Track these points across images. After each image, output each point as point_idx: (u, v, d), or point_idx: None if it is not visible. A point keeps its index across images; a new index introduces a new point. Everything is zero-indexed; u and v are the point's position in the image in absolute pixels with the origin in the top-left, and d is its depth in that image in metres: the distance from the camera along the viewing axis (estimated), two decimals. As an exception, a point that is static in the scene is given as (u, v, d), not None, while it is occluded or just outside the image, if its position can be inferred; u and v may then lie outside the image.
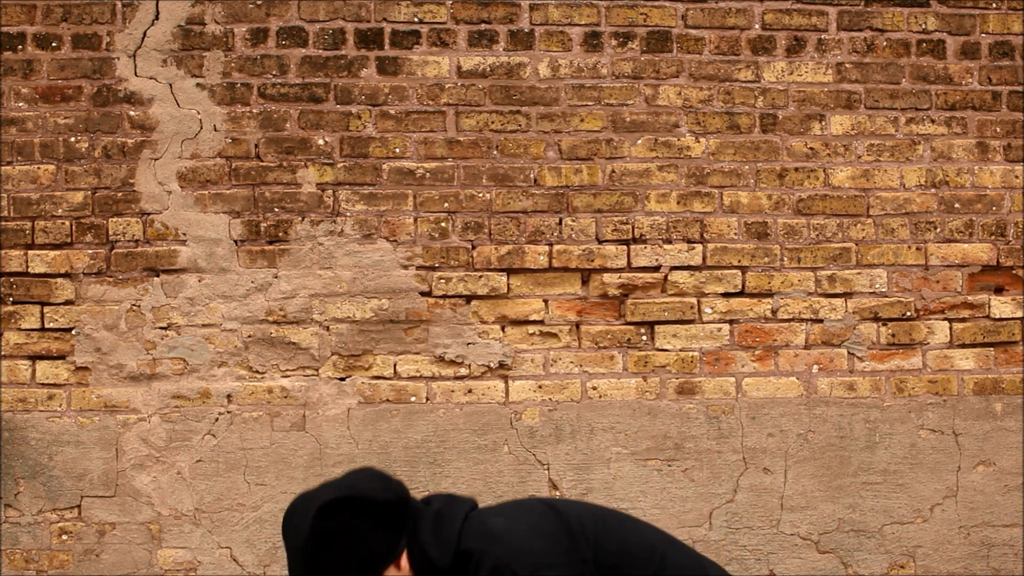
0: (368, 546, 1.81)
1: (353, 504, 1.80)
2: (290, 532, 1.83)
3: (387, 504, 1.83)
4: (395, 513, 1.85)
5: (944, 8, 4.07)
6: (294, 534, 1.81)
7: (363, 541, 1.80)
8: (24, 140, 3.83)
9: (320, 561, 1.78)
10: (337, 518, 1.79)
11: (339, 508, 1.79)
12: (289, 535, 1.83)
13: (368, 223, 3.89)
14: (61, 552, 3.80)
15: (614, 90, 3.95)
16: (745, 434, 3.97)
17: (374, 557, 1.82)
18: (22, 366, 3.82)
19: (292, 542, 1.81)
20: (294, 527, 1.82)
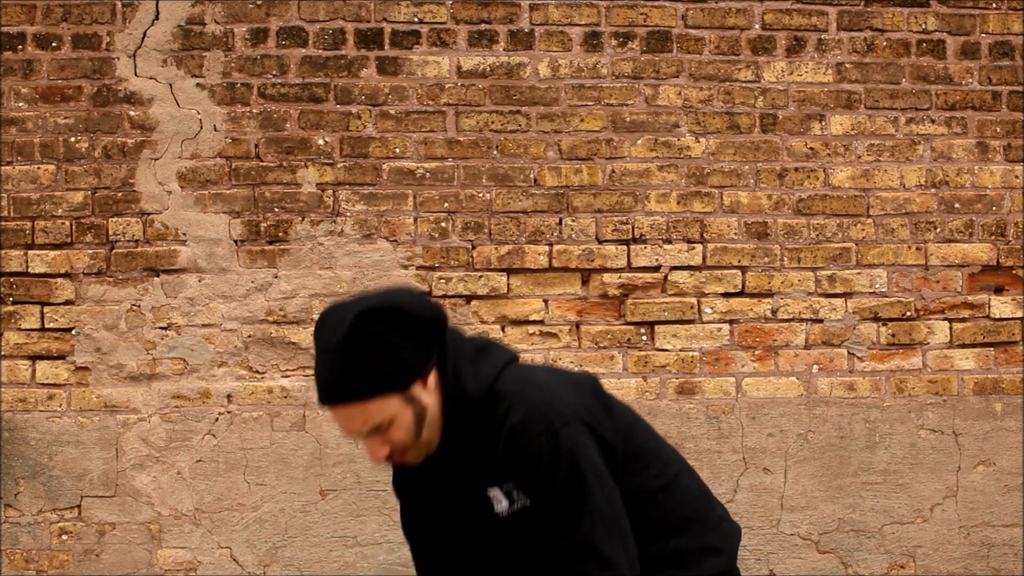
0: (402, 356, 1.80)
1: (392, 314, 1.80)
2: (324, 335, 1.81)
3: (425, 320, 1.83)
4: (431, 331, 1.84)
5: (944, 8, 4.07)
6: (328, 336, 1.79)
7: (398, 350, 1.80)
8: (24, 140, 3.83)
9: (352, 363, 1.77)
10: (375, 325, 1.78)
11: (379, 316, 1.79)
12: (322, 338, 1.81)
13: (368, 223, 3.89)
14: (61, 552, 3.80)
15: (614, 90, 3.95)
16: (745, 434, 3.97)
17: (406, 368, 1.81)
18: (22, 366, 3.82)
19: (325, 343, 1.79)
20: (329, 330, 1.80)
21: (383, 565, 3.86)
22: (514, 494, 1.86)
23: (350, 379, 1.78)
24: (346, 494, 3.86)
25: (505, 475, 1.85)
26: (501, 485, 1.86)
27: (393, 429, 1.82)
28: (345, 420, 1.81)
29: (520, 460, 1.82)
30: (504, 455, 1.83)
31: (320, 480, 3.86)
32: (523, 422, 1.82)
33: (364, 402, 1.78)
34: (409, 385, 1.81)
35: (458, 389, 1.87)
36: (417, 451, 1.87)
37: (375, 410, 1.79)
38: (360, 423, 1.80)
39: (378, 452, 1.83)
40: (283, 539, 3.85)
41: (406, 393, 1.81)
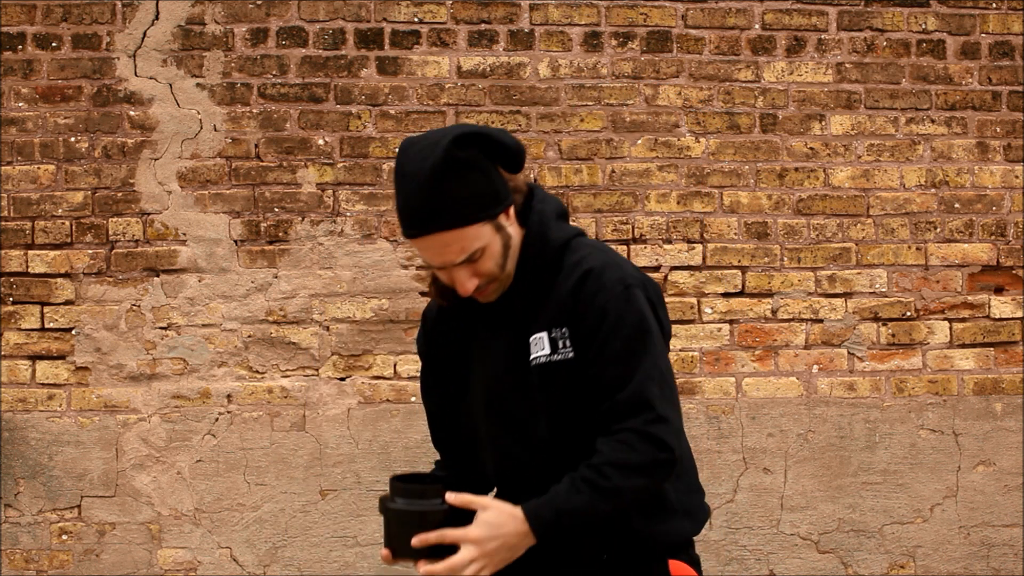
0: (493, 183, 1.81)
1: (484, 139, 1.79)
2: (412, 163, 1.78)
3: (511, 149, 1.83)
4: (514, 160, 1.85)
5: (944, 8, 4.06)
6: (417, 164, 1.76)
7: (489, 177, 1.80)
8: (24, 140, 3.83)
9: (448, 190, 1.75)
10: (469, 150, 1.77)
11: (472, 141, 1.78)
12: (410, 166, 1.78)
13: (368, 223, 3.89)
14: (61, 552, 3.80)
15: (614, 90, 3.95)
16: (745, 434, 3.96)
17: (496, 195, 1.81)
18: (22, 366, 3.82)
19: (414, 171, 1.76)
20: (417, 159, 1.77)
21: (383, 565, 3.86)
22: (560, 343, 1.84)
23: (447, 206, 1.75)
24: (346, 494, 3.86)
25: (562, 319, 1.83)
26: (551, 330, 1.84)
27: (484, 259, 1.81)
28: (438, 250, 1.79)
29: (590, 301, 1.81)
30: (572, 297, 1.82)
31: (320, 480, 3.86)
32: (600, 269, 1.83)
33: (461, 229, 1.77)
34: (499, 213, 1.82)
35: (543, 232, 1.87)
36: (498, 285, 1.86)
37: (471, 237, 1.78)
38: (456, 252, 1.78)
39: (468, 284, 1.82)
40: (283, 539, 3.85)
41: (496, 221, 1.82)
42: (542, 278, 1.87)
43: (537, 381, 1.85)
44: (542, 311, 1.86)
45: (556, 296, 1.85)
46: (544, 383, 1.85)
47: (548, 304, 1.86)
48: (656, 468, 1.78)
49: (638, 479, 1.77)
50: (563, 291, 1.84)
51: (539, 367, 1.85)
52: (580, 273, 1.83)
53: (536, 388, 1.85)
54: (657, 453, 1.77)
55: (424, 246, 1.80)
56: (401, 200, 1.79)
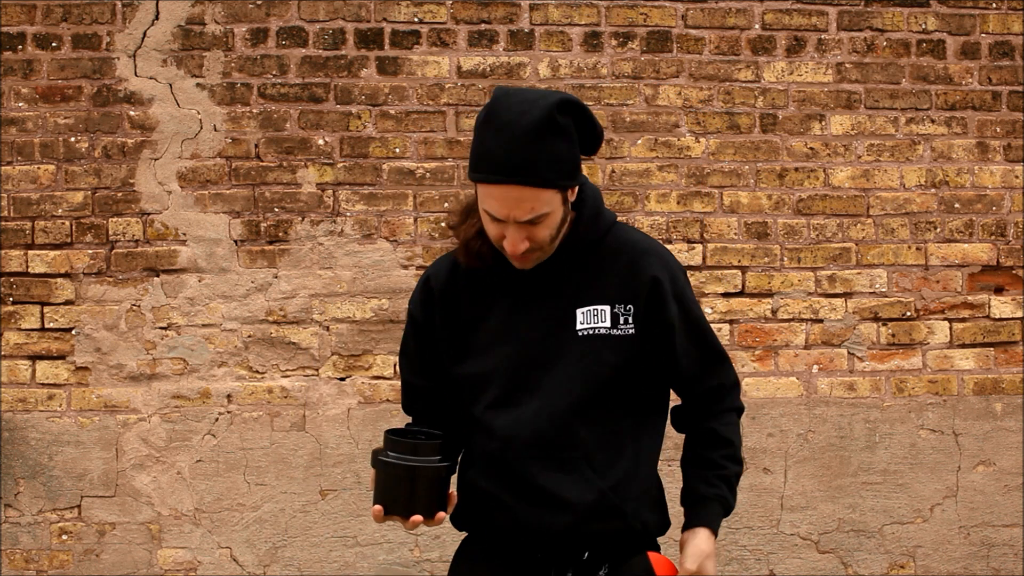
0: (576, 156, 1.85)
1: (583, 112, 1.84)
2: (510, 112, 1.79)
3: (597, 129, 1.88)
4: (595, 146, 1.90)
5: (944, 8, 4.06)
6: (517, 115, 1.78)
7: (575, 149, 1.84)
8: (24, 140, 3.83)
9: (541, 147, 1.77)
10: (568, 117, 1.81)
11: (573, 110, 1.82)
12: (506, 114, 1.79)
13: (368, 223, 3.89)
14: (61, 552, 3.80)
15: (614, 90, 3.95)
16: (745, 434, 3.96)
17: (576, 168, 1.85)
18: (22, 366, 3.82)
19: (512, 121, 1.77)
20: (516, 108, 1.79)
21: (383, 565, 3.86)
22: (622, 319, 1.90)
23: (537, 163, 1.77)
24: (346, 494, 3.86)
25: (626, 296, 1.90)
26: (614, 305, 1.90)
27: (544, 225, 1.84)
28: (511, 202, 1.80)
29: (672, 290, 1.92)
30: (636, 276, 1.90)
31: (320, 480, 3.86)
32: (668, 262, 1.95)
33: (540, 189, 1.80)
34: (572, 186, 1.86)
35: (597, 210, 1.94)
36: (542, 254, 1.89)
37: (544, 200, 1.81)
38: (526, 210, 1.80)
39: (520, 245, 1.84)
40: (283, 539, 3.85)
41: (565, 193, 1.85)
42: (593, 253, 1.93)
43: (586, 351, 1.88)
44: (597, 286, 1.91)
45: (617, 275, 1.91)
46: (592, 354, 1.88)
47: (605, 280, 1.91)
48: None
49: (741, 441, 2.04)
50: (628, 272, 1.91)
51: (592, 338, 1.88)
52: (649, 260, 1.92)
53: (581, 358, 1.88)
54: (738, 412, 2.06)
55: (497, 195, 1.80)
56: (489, 145, 1.79)
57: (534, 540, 1.88)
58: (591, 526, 1.87)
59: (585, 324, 1.88)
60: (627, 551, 1.91)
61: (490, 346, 1.94)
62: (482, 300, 1.96)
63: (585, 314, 1.89)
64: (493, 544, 1.94)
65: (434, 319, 2.00)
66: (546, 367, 1.89)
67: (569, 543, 1.89)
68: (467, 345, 1.96)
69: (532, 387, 1.89)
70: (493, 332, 1.94)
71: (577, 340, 1.88)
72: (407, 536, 3.86)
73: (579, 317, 1.89)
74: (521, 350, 1.90)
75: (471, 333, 1.96)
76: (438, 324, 2.00)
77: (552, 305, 1.91)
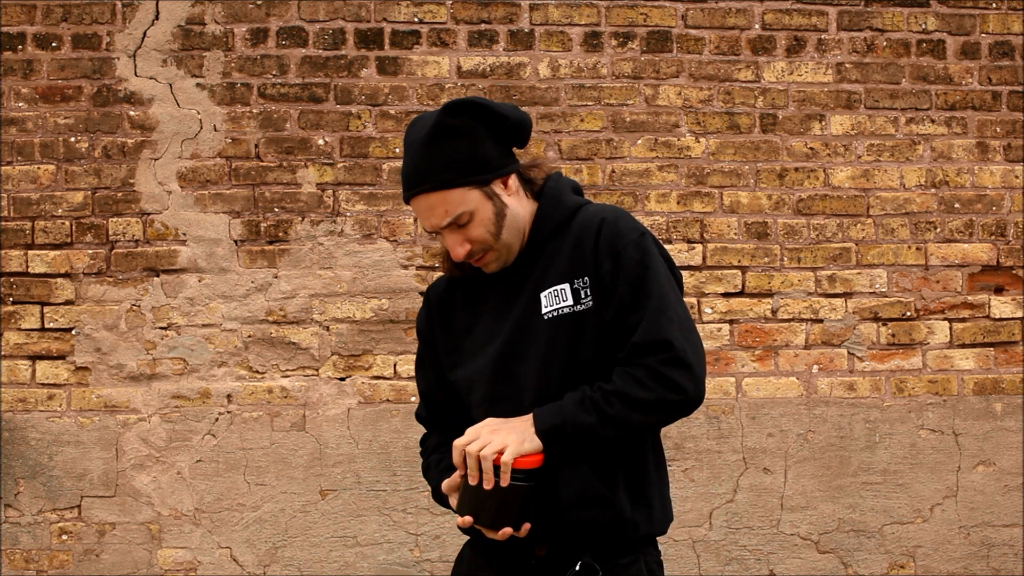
0: (484, 150, 1.88)
1: (477, 108, 1.87)
2: (412, 132, 1.89)
3: (508, 119, 1.90)
4: (514, 131, 1.92)
5: (944, 8, 4.06)
6: (416, 132, 1.88)
7: (480, 143, 1.87)
8: (24, 140, 3.83)
9: (436, 153, 1.84)
10: (459, 117, 1.86)
11: (463, 109, 1.86)
12: (410, 136, 1.90)
13: (368, 223, 3.89)
14: (61, 552, 3.80)
15: (614, 90, 3.95)
16: (745, 434, 3.96)
17: (487, 162, 1.88)
18: (22, 366, 3.82)
19: (412, 139, 1.88)
20: (418, 127, 1.89)
21: (383, 565, 3.86)
22: (582, 292, 1.87)
23: (433, 168, 1.84)
24: (346, 494, 3.86)
25: (582, 269, 1.87)
26: (572, 281, 1.88)
27: (473, 225, 1.87)
28: (427, 212, 1.87)
29: (608, 247, 1.86)
30: (589, 245, 1.87)
31: (320, 480, 3.86)
32: (615, 218, 1.89)
33: (445, 191, 1.85)
34: (490, 180, 1.88)
35: (557, 197, 1.95)
36: (497, 254, 1.92)
37: (456, 200, 1.85)
38: (441, 214, 1.86)
39: (459, 249, 1.89)
40: (283, 539, 3.85)
41: (487, 188, 1.88)
42: (555, 238, 1.93)
43: (554, 334, 1.87)
44: (555, 266, 1.90)
45: (571, 249, 1.90)
46: (561, 335, 1.87)
47: (562, 258, 1.90)
48: (664, 408, 1.81)
49: (642, 415, 1.80)
50: (579, 243, 1.89)
51: (557, 319, 1.87)
52: (596, 222, 1.88)
53: (550, 342, 1.87)
54: (665, 393, 1.79)
55: (416, 209, 1.89)
56: (403, 168, 1.90)
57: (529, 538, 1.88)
58: (577, 515, 1.86)
59: (549, 307, 1.88)
60: (619, 547, 1.89)
61: (477, 349, 1.96)
62: (472, 308, 2.00)
63: (548, 296, 1.89)
64: (491, 548, 1.94)
65: (434, 331, 2.06)
66: (521, 358, 1.90)
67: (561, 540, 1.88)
68: (461, 351, 2.00)
69: (512, 380, 1.90)
70: (480, 336, 1.97)
71: (544, 325, 1.88)
72: (407, 536, 3.86)
73: (543, 301, 1.89)
74: (500, 346, 1.92)
75: (464, 340, 2.00)
76: (438, 336, 2.05)
77: (521, 298, 1.93)
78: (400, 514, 3.87)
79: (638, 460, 1.92)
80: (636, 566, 1.90)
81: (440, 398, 2.08)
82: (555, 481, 1.85)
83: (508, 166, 1.91)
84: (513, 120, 1.90)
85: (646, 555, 1.92)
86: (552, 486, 1.85)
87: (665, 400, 1.79)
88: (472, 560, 2.01)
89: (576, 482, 1.86)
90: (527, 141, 1.95)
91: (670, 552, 3.92)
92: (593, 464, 1.87)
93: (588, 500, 1.86)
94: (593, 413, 1.79)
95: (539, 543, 1.89)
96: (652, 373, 1.79)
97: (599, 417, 1.79)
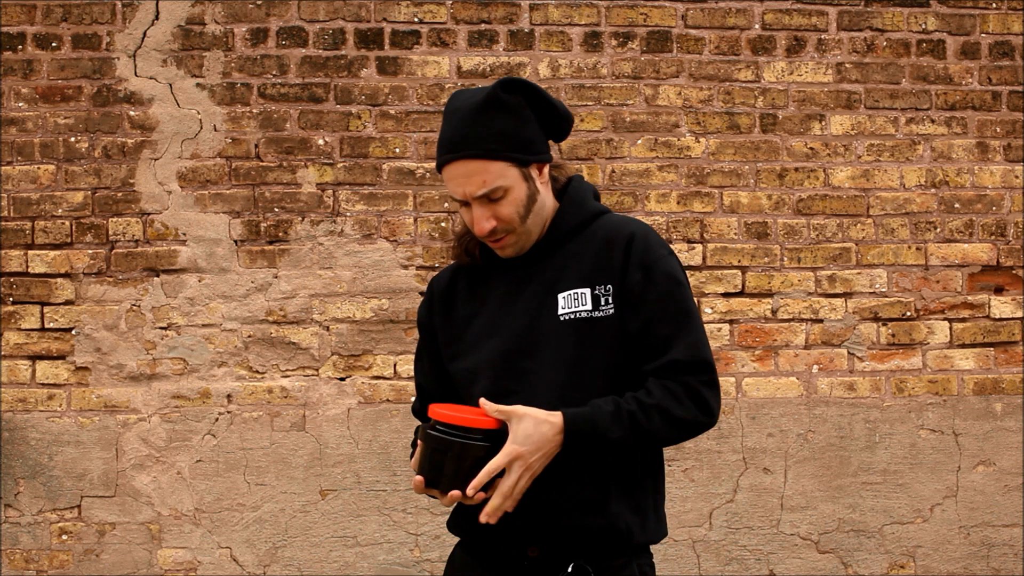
0: (530, 130, 1.88)
1: (532, 90, 1.88)
2: (461, 99, 1.89)
3: (556, 109, 1.91)
4: (558, 123, 1.93)
5: (944, 8, 4.07)
6: (466, 99, 1.87)
7: (525, 124, 1.88)
8: (24, 140, 3.83)
9: (486, 122, 1.84)
10: (514, 95, 1.86)
11: (519, 87, 1.87)
12: (458, 101, 1.88)
13: (368, 223, 3.89)
14: (61, 552, 3.80)
15: (614, 90, 3.95)
16: (745, 434, 3.96)
17: (528, 142, 1.88)
18: (22, 366, 3.82)
19: (460, 105, 1.87)
20: (467, 95, 1.88)
21: (383, 565, 3.86)
22: (603, 299, 1.87)
23: (480, 136, 1.84)
24: (346, 494, 3.86)
25: (605, 277, 1.87)
26: (594, 287, 1.88)
27: (505, 202, 1.86)
28: (463, 178, 1.85)
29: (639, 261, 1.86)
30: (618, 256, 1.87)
31: (320, 480, 3.86)
32: (645, 233, 1.90)
33: (488, 161, 1.84)
34: (529, 162, 1.88)
35: (579, 199, 1.95)
36: (517, 239, 1.91)
37: (496, 172, 1.85)
38: (478, 183, 1.84)
39: (485, 223, 1.87)
40: (283, 539, 3.85)
41: (524, 169, 1.88)
42: (574, 240, 1.93)
43: (569, 335, 1.87)
44: (576, 269, 1.90)
45: (595, 255, 1.90)
46: (576, 338, 1.87)
47: (584, 263, 1.90)
48: (694, 427, 1.84)
49: (674, 432, 1.83)
50: (605, 251, 1.89)
51: (574, 322, 1.87)
52: (627, 234, 1.89)
53: (565, 343, 1.87)
54: (699, 414, 1.83)
55: (450, 174, 1.87)
56: (442, 132, 1.88)
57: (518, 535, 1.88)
58: (570, 521, 1.86)
59: (566, 309, 1.88)
60: (612, 555, 1.88)
61: (480, 340, 1.95)
62: (475, 298, 1.99)
63: (566, 299, 1.88)
64: (484, 548, 1.94)
65: (434, 322, 2.04)
66: (531, 356, 1.89)
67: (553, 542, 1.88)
68: (461, 342, 1.99)
69: (519, 377, 1.89)
70: (483, 327, 1.96)
71: (559, 326, 1.87)
72: (407, 536, 3.86)
73: (560, 302, 1.88)
74: (507, 341, 1.91)
75: (465, 330, 1.98)
76: (438, 326, 2.03)
77: (534, 293, 1.92)
78: (400, 514, 3.87)
79: (634, 470, 1.91)
80: (628, 569, 1.89)
81: (436, 391, 2.07)
82: (549, 486, 1.84)
83: (547, 153, 1.92)
84: (560, 111, 1.91)
85: (639, 559, 1.92)
86: (546, 490, 1.85)
87: (697, 421, 1.84)
88: (464, 561, 2.00)
89: (571, 488, 1.85)
90: (566, 137, 1.97)
91: (670, 552, 3.92)
92: (589, 470, 1.86)
93: (582, 506, 1.85)
94: (627, 427, 1.79)
95: (531, 544, 1.88)
96: (690, 392, 1.82)
97: (633, 431, 1.80)
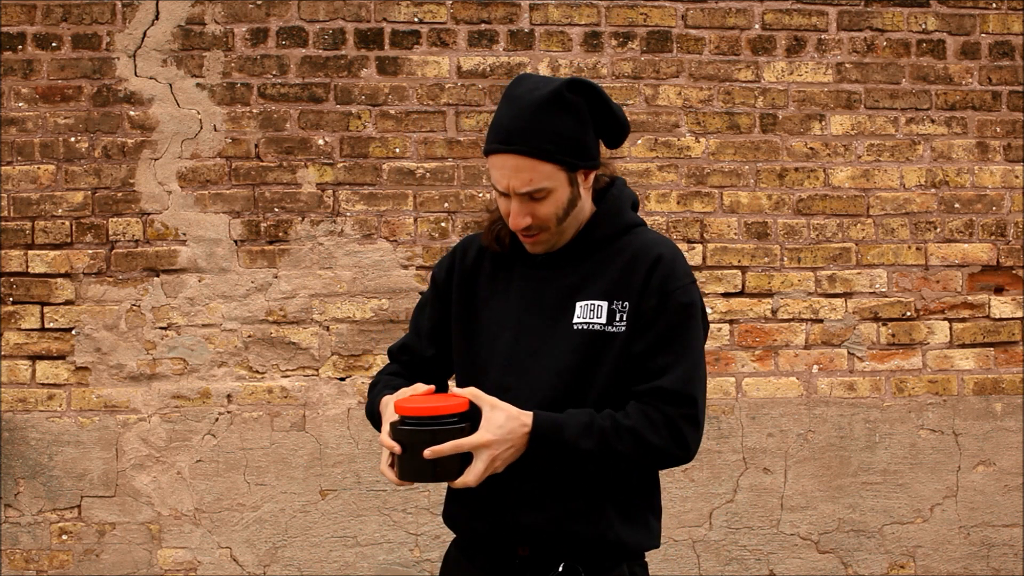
0: (584, 136, 1.85)
1: (595, 94, 1.85)
2: (523, 87, 1.84)
3: (616, 117, 1.88)
4: (613, 133, 1.90)
5: (944, 8, 4.06)
6: (529, 89, 1.83)
7: (584, 128, 1.85)
8: (24, 140, 3.83)
9: (541, 118, 1.80)
10: (578, 96, 1.82)
11: (584, 89, 1.84)
12: (520, 89, 1.84)
13: (368, 223, 3.89)
14: (61, 552, 3.80)
15: (614, 90, 3.95)
16: (745, 434, 3.96)
17: (583, 148, 1.85)
18: (22, 366, 3.82)
19: (522, 94, 1.82)
20: (530, 84, 1.84)
21: (383, 565, 3.86)
22: (618, 315, 1.86)
23: (539, 133, 1.80)
24: (346, 494, 3.86)
25: (625, 294, 1.86)
26: (612, 301, 1.87)
27: (547, 203, 1.84)
28: (510, 172, 1.82)
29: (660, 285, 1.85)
30: (641, 276, 1.86)
31: (320, 480, 3.86)
32: (672, 257, 1.89)
33: (538, 161, 1.81)
34: (578, 167, 1.86)
35: (617, 208, 1.94)
36: (549, 237, 1.90)
37: (544, 173, 1.82)
38: (524, 180, 1.82)
39: (521, 220, 1.85)
40: (283, 539, 3.85)
41: (572, 174, 1.85)
42: (604, 250, 1.92)
43: (578, 346, 1.86)
44: (599, 281, 1.89)
45: (620, 271, 1.88)
46: (585, 350, 1.86)
47: (608, 276, 1.89)
48: (665, 458, 1.83)
49: (645, 458, 1.82)
50: (630, 268, 1.88)
51: (586, 332, 1.86)
52: (654, 256, 1.88)
53: (572, 352, 1.86)
54: (673, 447, 1.82)
55: (498, 164, 1.84)
56: (499, 117, 1.84)
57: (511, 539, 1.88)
58: (563, 527, 1.85)
59: (581, 319, 1.87)
60: (603, 561, 1.88)
61: (493, 328, 1.95)
62: (496, 283, 1.98)
63: (583, 308, 1.88)
64: (476, 546, 1.94)
65: (451, 288, 2.02)
66: (537, 356, 1.89)
67: (544, 544, 1.87)
68: (476, 322, 1.97)
69: (521, 374, 1.89)
70: (498, 315, 1.95)
71: (571, 334, 1.87)
72: (407, 536, 3.86)
73: (577, 311, 1.88)
74: (518, 336, 1.91)
75: (481, 312, 1.97)
76: (454, 296, 2.01)
77: (554, 296, 1.91)
78: (400, 514, 3.87)
79: (629, 484, 1.91)
80: (619, 570, 1.89)
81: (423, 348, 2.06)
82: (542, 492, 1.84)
83: (596, 159, 1.89)
84: (619, 118, 1.89)
85: (630, 563, 1.92)
86: (539, 496, 1.85)
87: (669, 452, 1.82)
88: (457, 560, 2.01)
89: (563, 496, 1.85)
90: (619, 146, 1.94)
91: (670, 552, 3.92)
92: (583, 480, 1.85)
93: (574, 515, 1.85)
94: (596, 442, 1.78)
95: (522, 543, 1.89)
96: (669, 423, 1.81)
97: (601, 447, 1.78)
